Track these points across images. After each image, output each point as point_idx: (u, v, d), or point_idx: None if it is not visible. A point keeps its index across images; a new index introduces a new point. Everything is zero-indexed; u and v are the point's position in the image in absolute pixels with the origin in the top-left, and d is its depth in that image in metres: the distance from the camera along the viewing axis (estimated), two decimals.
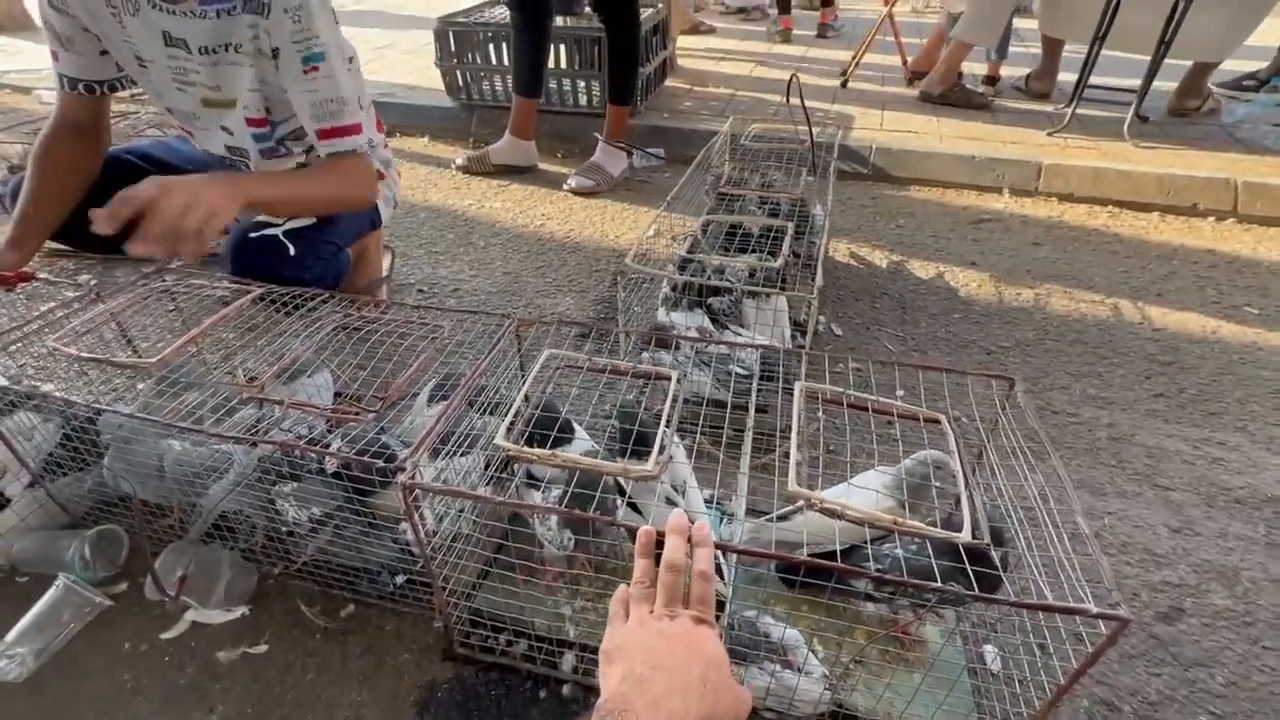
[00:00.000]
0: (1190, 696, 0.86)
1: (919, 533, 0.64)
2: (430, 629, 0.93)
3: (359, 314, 1.05)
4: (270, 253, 1.19)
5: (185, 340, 0.95)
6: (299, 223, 1.24)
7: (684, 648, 0.54)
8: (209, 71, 1.16)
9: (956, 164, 2.36)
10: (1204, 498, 1.15)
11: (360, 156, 1.22)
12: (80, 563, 0.96)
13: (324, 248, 1.29)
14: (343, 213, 1.30)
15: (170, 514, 1.04)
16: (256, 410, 0.97)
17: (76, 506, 1.05)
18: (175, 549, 0.96)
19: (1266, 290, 1.75)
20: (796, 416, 0.75)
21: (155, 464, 0.94)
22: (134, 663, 0.89)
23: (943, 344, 1.54)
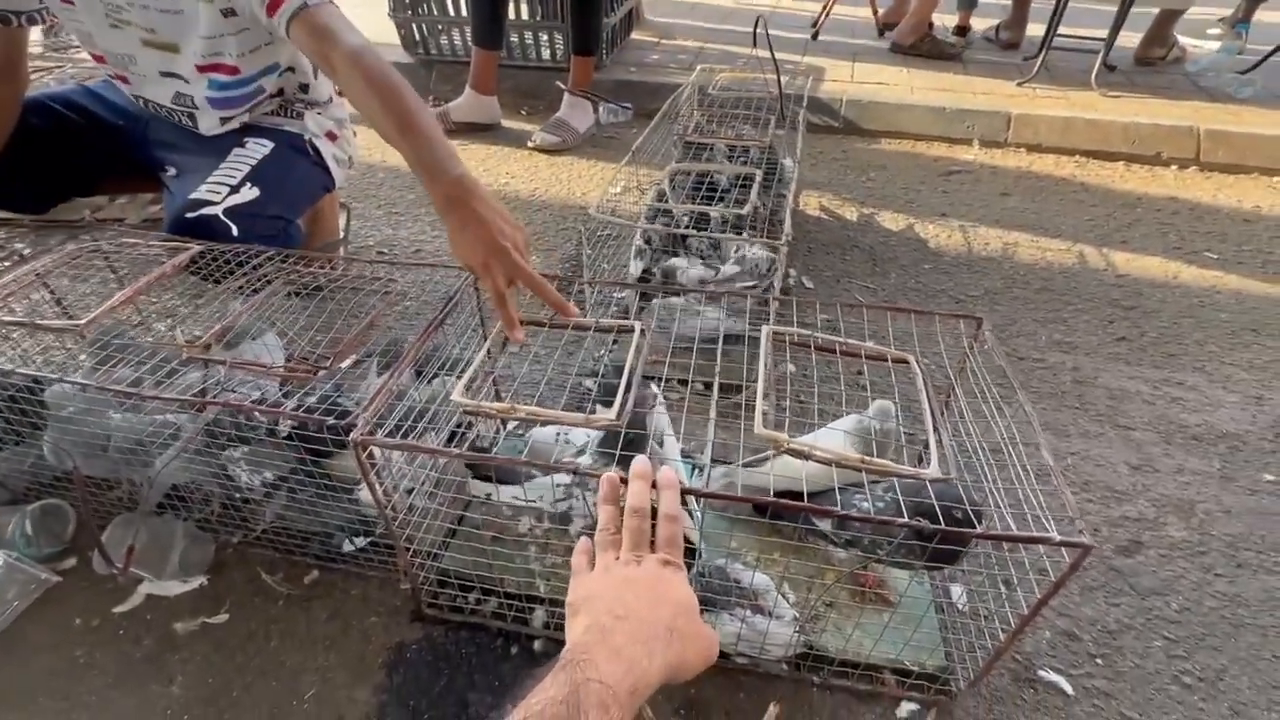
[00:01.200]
0: (1147, 624, 0.89)
1: (887, 470, 0.63)
2: (397, 591, 0.91)
3: (308, 271, 0.99)
4: (208, 231, 1.10)
5: (120, 300, 0.89)
6: (239, 198, 1.14)
7: (649, 593, 0.52)
8: (141, 13, 1.06)
9: (927, 116, 2.34)
10: (1162, 435, 1.18)
11: (321, 5, 0.99)
12: (23, 539, 0.91)
13: (270, 224, 1.18)
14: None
15: (118, 486, 0.99)
16: (201, 373, 0.92)
17: (16, 482, 1.00)
18: (123, 521, 0.92)
19: (1225, 235, 1.78)
20: (763, 361, 0.73)
21: (98, 436, 0.89)
22: (86, 638, 0.85)
23: (912, 294, 1.54)
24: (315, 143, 1.32)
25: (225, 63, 1.14)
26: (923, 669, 0.80)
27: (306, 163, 1.31)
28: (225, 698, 0.80)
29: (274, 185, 1.19)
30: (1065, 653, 0.86)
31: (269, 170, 1.20)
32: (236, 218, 1.11)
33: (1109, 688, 0.82)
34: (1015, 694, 0.81)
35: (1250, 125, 2.16)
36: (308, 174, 1.31)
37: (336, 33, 0.98)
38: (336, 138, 1.39)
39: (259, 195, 1.16)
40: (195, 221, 1.09)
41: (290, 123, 1.30)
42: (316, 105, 1.35)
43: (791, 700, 0.79)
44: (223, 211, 1.11)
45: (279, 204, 1.20)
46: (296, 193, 1.28)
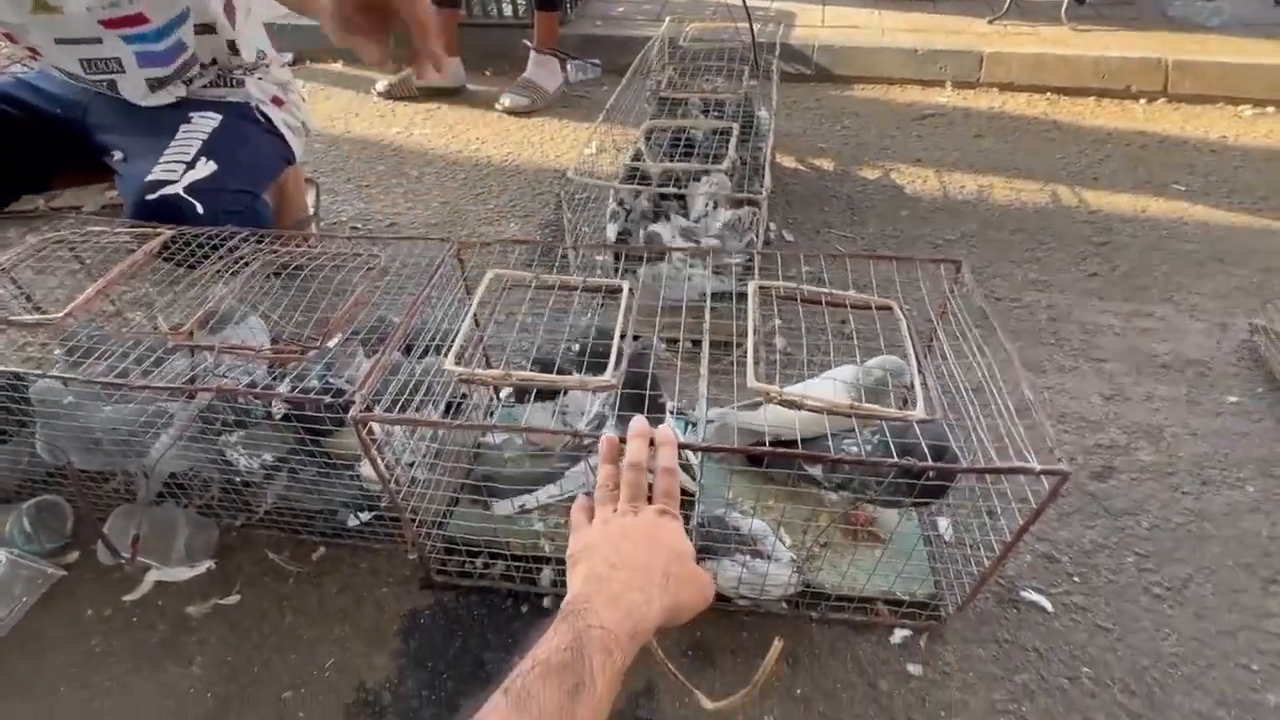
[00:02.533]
0: (1120, 542, 0.95)
1: (875, 415, 0.66)
2: (406, 562, 0.93)
3: (286, 251, 0.97)
4: (174, 212, 1.06)
5: (95, 291, 0.87)
6: (197, 174, 1.10)
7: (647, 541, 0.54)
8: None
9: (900, 58, 2.31)
10: (1133, 366, 1.22)
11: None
12: (22, 536, 0.91)
13: (236, 198, 1.14)
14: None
15: (113, 479, 0.99)
16: (187, 360, 0.91)
17: (6, 480, 0.99)
18: (123, 511, 0.92)
19: (1193, 167, 1.81)
20: (751, 313, 0.74)
21: (90, 430, 0.87)
22: (99, 628, 0.87)
23: (891, 241, 1.55)
24: (263, 109, 1.28)
25: (127, 13, 1.07)
26: (914, 598, 0.84)
27: (259, 131, 1.26)
28: (246, 674, 0.82)
29: (231, 157, 1.15)
30: (1045, 574, 0.91)
31: (222, 142, 1.16)
32: (199, 195, 1.08)
33: (1085, 602, 0.88)
34: (1000, 614, 0.86)
35: (1216, 54, 2.17)
36: (263, 143, 1.27)
37: None
38: (283, 103, 1.34)
39: (217, 169, 1.12)
40: (158, 203, 1.06)
41: (233, 92, 1.25)
42: (256, 70, 1.29)
43: (793, 635, 0.83)
44: (184, 189, 1.07)
45: (239, 177, 1.16)
46: (256, 164, 1.23)
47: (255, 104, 1.26)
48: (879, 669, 0.81)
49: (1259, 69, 2.10)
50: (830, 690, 0.79)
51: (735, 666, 0.81)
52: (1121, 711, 0.77)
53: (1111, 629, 0.85)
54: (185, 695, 0.80)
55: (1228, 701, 0.78)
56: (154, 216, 1.03)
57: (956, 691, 0.79)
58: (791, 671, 0.81)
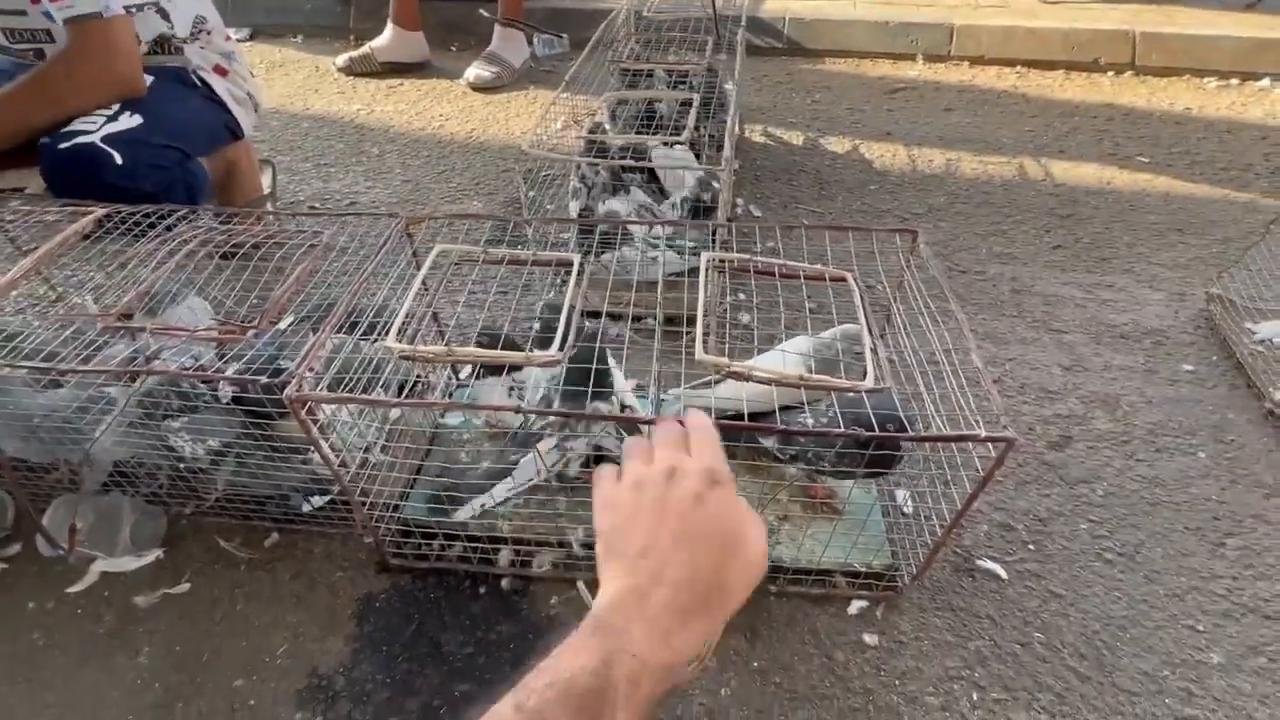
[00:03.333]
0: (1074, 509, 0.96)
1: (824, 385, 0.65)
2: (361, 545, 0.91)
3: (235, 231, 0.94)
4: (90, 163, 1.00)
5: (23, 270, 0.83)
6: (118, 126, 1.05)
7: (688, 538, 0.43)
8: None
9: (871, 31, 2.29)
10: (1093, 336, 1.24)
11: (104, 24, 0.99)
12: None
13: (162, 153, 1.09)
14: (85, 105, 1.04)
15: (56, 469, 0.95)
16: (127, 344, 0.87)
17: None
18: (64, 501, 0.89)
19: (1157, 139, 1.83)
20: (703, 287, 0.73)
21: (24, 418, 0.84)
22: (42, 620, 0.84)
23: (859, 215, 1.55)
24: (202, 74, 1.23)
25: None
26: (870, 569, 0.85)
27: (197, 96, 1.21)
28: (195, 662, 0.80)
29: (158, 113, 1.10)
30: (1001, 543, 0.92)
31: (151, 98, 1.11)
32: (117, 144, 1.03)
33: (1039, 569, 0.89)
34: (955, 583, 0.87)
35: (1183, 26, 2.17)
36: (200, 108, 1.21)
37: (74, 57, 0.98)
38: (227, 72, 1.29)
39: (142, 122, 1.07)
40: (70, 153, 1.00)
41: (171, 58, 1.20)
42: (196, 39, 1.24)
43: (750, 611, 0.83)
44: (100, 139, 1.02)
45: (166, 132, 1.11)
46: (189, 125, 1.18)
47: (194, 69, 1.21)
48: (835, 640, 0.82)
49: (1224, 40, 2.12)
50: (787, 662, 0.80)
51: None
52: (1071, 674, 0.79)
53: (1064, 595, 0.86)
54: (133, 686, 0.78)
55: (1174, 661, 0.80)
56: (68, 168, 0.99)
57: (911, 660, 0.80)
58: (749, 645, 0.81)
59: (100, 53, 1.03)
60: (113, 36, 1.03)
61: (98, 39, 1.02)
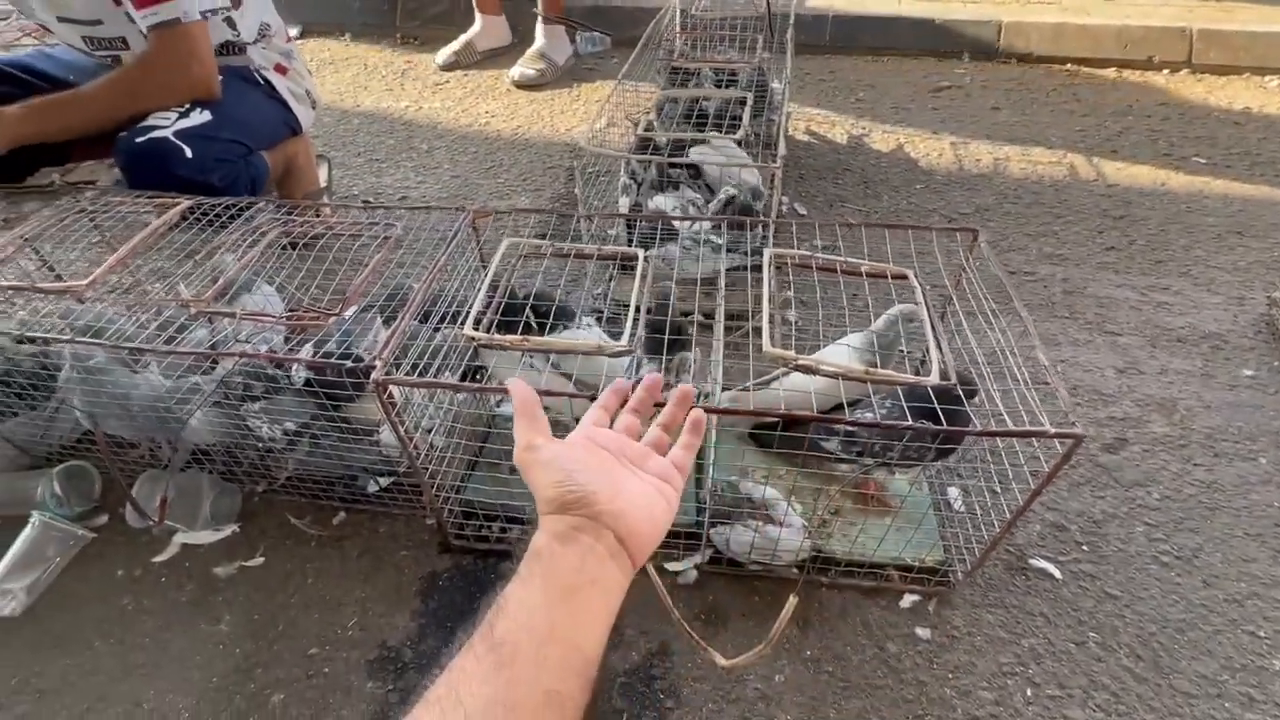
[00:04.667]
0: (1130, 512, 0.95)
1: (890, 380, 0.66)
2: (424, 526, 0.95)
3: (303, 222, 0.98)
4: (163, 156, 1.06)
5: (116, 260, 0.88)
6: (189, 122, 1.11)
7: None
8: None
9: (916, 29, 2.26)
10: (1148, 339, 1.22)
11: (183, 30, 1.06)
12: (53, 500, 0.94)
13: (228, 148, 1.14)
14: (163, 105, 1.11)
15: (138, 445, 1.01)
16: (207, 329, 0.92)
17: (37, 447, 1.02)
18: (151, 476, 0.94)
19: (1214, 139, 1.78)
20: (766, 281, 0.75)
21: (126, 400, 0.89)
22: (130, 587, 0.90)
23: (905, 215, 1.54)
24: (264, 74, 1.28)
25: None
26: (923, 564, 0.85)
27: (260, 94, 1.27)
28: (272, 630, 0.85)
29: (225, 110, 1.16)
30: (1054, 542, 0.92)
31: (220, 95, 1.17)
32: (188, 139, 1.09)
33: (1094, 570, 0.89)
34: (1008, 581, 0.88)
35: (1244, 22, 2.11)
36: (263, 104, 1.27)
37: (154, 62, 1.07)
38: (286, 70, 1.34)
39: (210, 118, 1.13)
40: (145, 147, 1.06)
41: (234, 58, 1.25)
42: (260, 40, 1.29)
43: (803, 599, 0.85)
44: (173, 134, 1.08)
45: (234, 128, 1.17)
46: (253, 121, 1.24)
47: (256, 68, 1.26)
48: (888, 632, 0.83)
49: None
50: (840, 652, 0.81)
51: (747, 628, 0.83)
52: (1127, 674, 0.79)
53: (1119, 596, 0.86)
54: (215, 651, 0.83)
55: (1234, 666, 0.79)
56: (143, 161, 1.04)
57: (964, 654, 0.81)
58: (801, 634, 0.83)
59: (180, 57, 1.09)
60: (190, 42, 1.08)
61: (178, 44, 1.07)
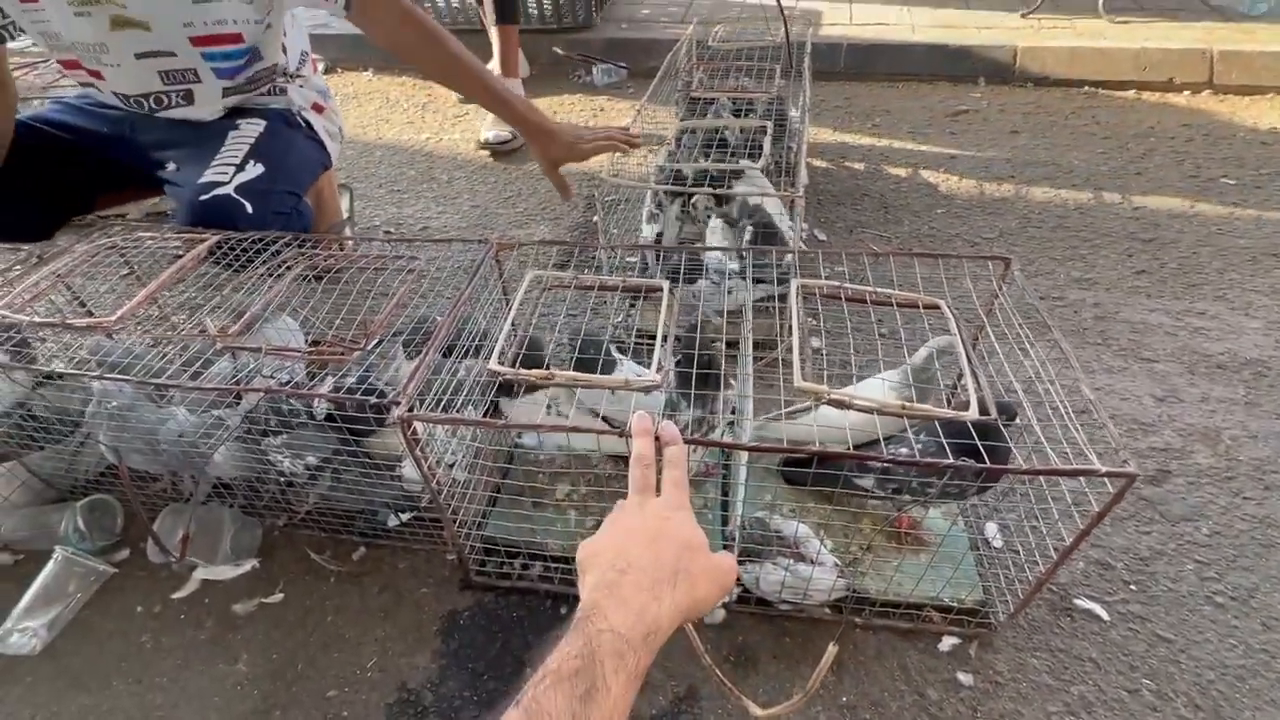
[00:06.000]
0: (1178, 549, 0.91)
1: (928, 415, 0.64)
2: (445, 563, 0.93)
3: (326, 255, 0.99)
4: (228, 213, 1.09)
5: (144, 296, 0.89)
6: (246, 175, 1.13)
7: (652, 541, 0.52)
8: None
9: (931, 55, 2.27)
10: (1186, 366, 1.18)
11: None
12: (76, 534, 0.94)
13: (283, 199, 1.17)
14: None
15: (160, 479, 1.01)
16: (231, 363, 0.93)
17: (62, 481, 1.02)
18: (173, 510, 0.94)
19: (1242, 160, 1.75)
20: (795, 312, 0.73)
21: (144, 432, 0.89)
22: (150, 624, 0.88)
23: (927, 240, 1.52)
24: (305, 115, 1.30)
25: (227, 31, 1.11)
26: (962, 604, 0.82)
27: (301, 137, 1.29)
28: (291, 671, 0.83)
29: (277, 160, 1.18)
30: (1099, 581, 0.88)
31: (268, 146, 1.19)
32: (249, 194, 1.11)
33: (1144, 611, 0.84)
34: (1053, 623, 0.83)
35: (1265, 43, 2.09)
36: (306, 148, 1.29)
37: (408, 5, 1.10)
38: (323, 109, 1.36)
39: (264, 171, 1.15)
40: (210, 203, 1.08)
41: (276, 99, 1.28)
42: (298, 78, 1.32)
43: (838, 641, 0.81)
44: (234, 190, 1.10)
45: (285, 179, 1.19)
46: (299, 168, 1.26)
47: (298, 110, 1.29)
48: (927, 677, 0.79)
49: None
50: (878, 698, 0.77)
51: (779, 672, 0.80)
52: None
53: (1173, 639, 0.81)
54: (234, 692, 0.81)
55: None
56: (207, 217, 1.06)
57: (1009, 702, 0.77)
58: (836, 679, 0.79)
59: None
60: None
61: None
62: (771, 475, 0.92)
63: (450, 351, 0.82)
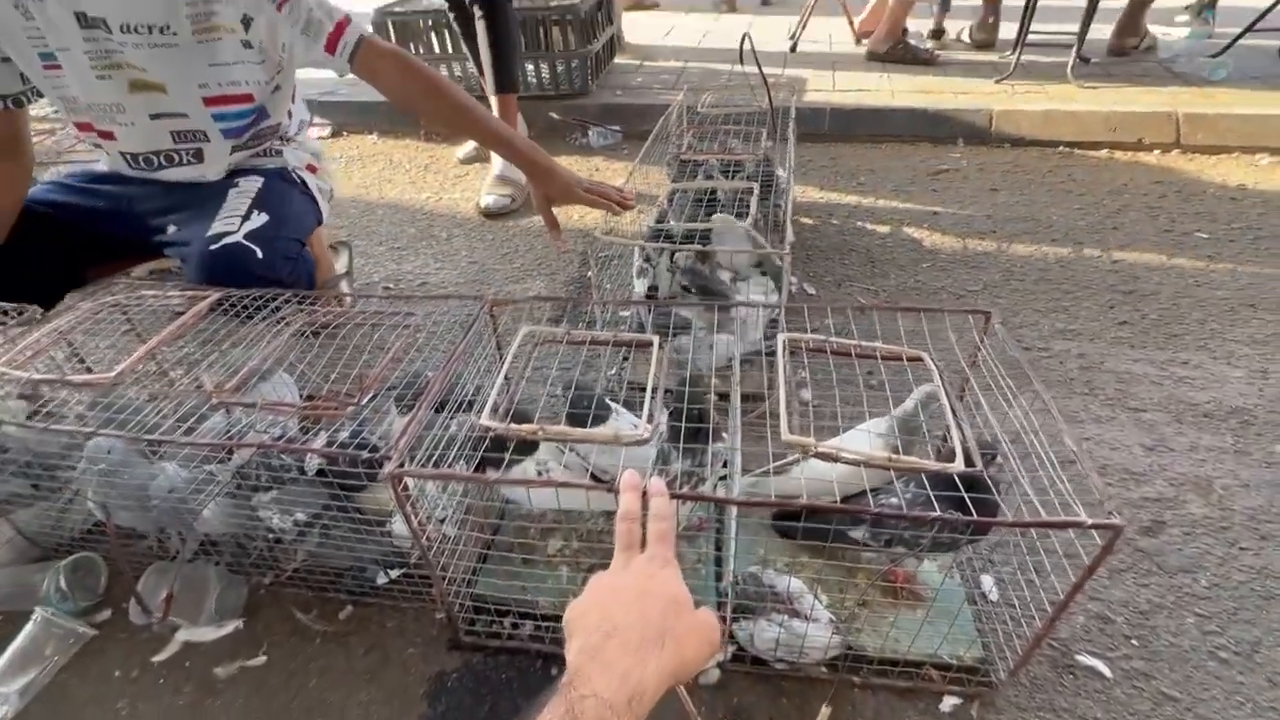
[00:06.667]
0: (1177, 602, 0.90)
1: (914, 467, 0.65)
2: (433, 621, 0.91)
3: (324, 311, 1.01)
4: (240, 259, 1.12)
5: (143, 352, 0.90)
6: (253, 224, 1.17)
7: (637, 600, 0.51)
8: (134, 52, 1.08)
9: (911, 118, 2.38)
10: (1173, 415, 1.19)
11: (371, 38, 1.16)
12: (57, 594, 0.92)
13: (289, 245, 1.21)
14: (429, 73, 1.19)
15: (147, 536, 1.00)
16: (225, 418, 0.93)
17: (47, 538, 1.01)
18: (158, 569, 0.92)
19: (1214, 215, 1.82)
20: (782, 366, 0.75)
21: (134, 488, 0.89)
22: (127, 689, 0.86)
23: (913, 293, 1.56)
24: (299, 173, 1.36)
25: (239, 92, 1.17)
26: (961, 662, 0.80)
27: (297, 192, 1.34)
28: None
29: (278, 209, 1.22)
30: (1100, 636, 0.86)
31: (269, 197, 1.24)
32: (257, 241, 1.14)
33: (1147, 668, 0.82)
34: (1055, 680, 0.82)
35: (1227, 106, 2.20)
36: (302, 202, 1.34)
37: (408, 59, 1.17)
38: (316, 169, 1.42)
39: (269, 219, 1.19)
40: (221, 252, 1.11)
41: (271, 160, 1.33)
42: (292, 141, 1.38)
43: (834, 701, 0.79)
44: (243, 237, 1.14)
45: (289, 226, 1.23)
46: (299, 218, 1.30)
47: (293, 168, 1.34)
48: None
49: (1273, 119, 2.13)
50: None
51: None
52: None
53: (1179, 698, 0.79)
54: None
55: None
56: (219, 265, 1.09)
57: None
58: None
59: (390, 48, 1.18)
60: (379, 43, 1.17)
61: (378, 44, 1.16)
62: (764, 529, 0.92)
63: (443, 407, 0.83)
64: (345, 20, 1.14)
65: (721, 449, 0.85)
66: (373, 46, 1.15)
